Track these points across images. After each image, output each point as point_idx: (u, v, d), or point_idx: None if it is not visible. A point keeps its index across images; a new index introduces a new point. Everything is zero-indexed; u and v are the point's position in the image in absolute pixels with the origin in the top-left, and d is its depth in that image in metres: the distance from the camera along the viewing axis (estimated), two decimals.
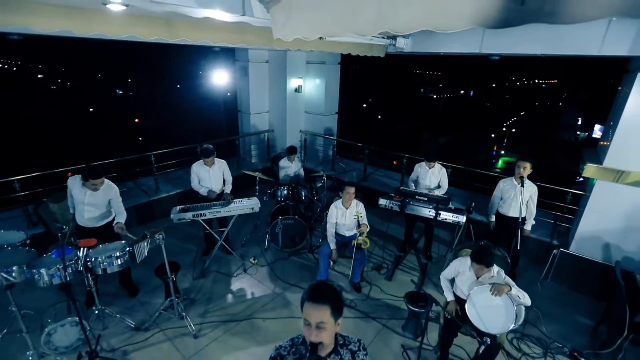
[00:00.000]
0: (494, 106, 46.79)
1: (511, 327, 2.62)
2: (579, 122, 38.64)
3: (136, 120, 35.51)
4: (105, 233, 3.40)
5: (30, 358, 2.82)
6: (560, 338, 3.48)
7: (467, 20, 1.28)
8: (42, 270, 2.75)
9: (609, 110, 4.51)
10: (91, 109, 37.23)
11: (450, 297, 3.01)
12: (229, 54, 7.33)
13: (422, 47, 4.95)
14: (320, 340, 1.34)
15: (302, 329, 1.39)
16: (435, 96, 52.56)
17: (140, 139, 30.62)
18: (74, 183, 3.37)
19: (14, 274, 2.62)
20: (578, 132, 37.40)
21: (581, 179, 4.68)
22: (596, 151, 4.38)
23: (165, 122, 31.86)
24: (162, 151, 5.83)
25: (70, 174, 3.69)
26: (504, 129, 40.99)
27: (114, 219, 3.53)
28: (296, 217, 4.71)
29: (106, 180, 3.43)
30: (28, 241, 3.21)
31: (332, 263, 4.31)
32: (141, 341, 3.29)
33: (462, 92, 55.02)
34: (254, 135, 7.50)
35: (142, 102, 38.29)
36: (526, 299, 2.70)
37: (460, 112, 43.18)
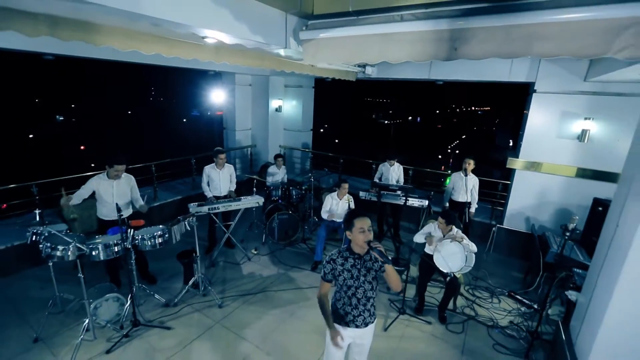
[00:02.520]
0: (440, 130, 51.90)
1: (465, 267, 3.69)
2: (510, 144, 44.37)
3: (82, 147, 33.71)
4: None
5: (89, 325, 3.28)
6: (501, 286, 4.66)
7: (431, 56, 2.38)
8: (99, 246, 3.30)
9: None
10: (31, 135, 34.63)
11: (421, 241, 4.00)
12: (218, 78, 8.15)
13: (385, 73, 6.28)
14: (371, 239, 2.05)
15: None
16: (386, 122, 56.83)
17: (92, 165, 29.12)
18: (99, 182, 3.84)
19: (82, 248, 3.14)
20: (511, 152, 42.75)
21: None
22: (516, 153, 5.88)
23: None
24: (161, 161, 6.37)
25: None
26: (449, 150, 45.51)
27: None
28: (290, 212, 5.54)
29: (123, 173, 3.99)
30: (69, 231, 3.69)
31: (324, 249, 5.17)
32: (173, 314, 3.83)
33: (410, 118, 60.22)
34: (239, 150, 8.26)
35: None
36: (474, 247, 3.82)
37: (411, 136, 47.21)
